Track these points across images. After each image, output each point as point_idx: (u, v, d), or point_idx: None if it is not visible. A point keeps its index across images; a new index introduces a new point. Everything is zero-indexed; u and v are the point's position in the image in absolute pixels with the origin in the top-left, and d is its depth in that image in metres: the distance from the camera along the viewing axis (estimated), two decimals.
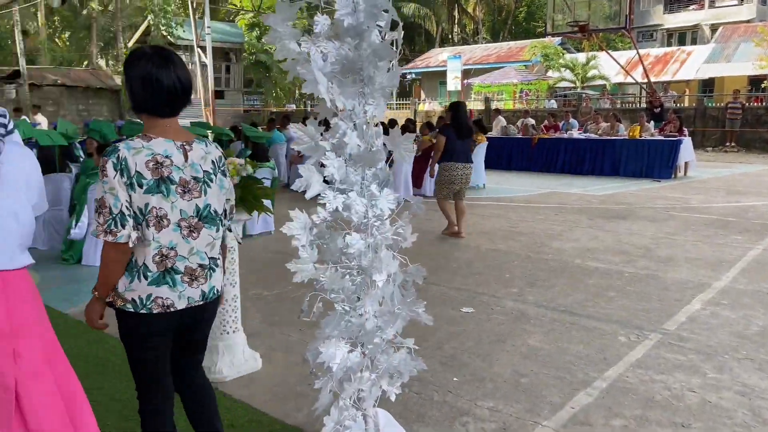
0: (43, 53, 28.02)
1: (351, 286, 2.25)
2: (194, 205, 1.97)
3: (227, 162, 2.96)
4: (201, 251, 2.01)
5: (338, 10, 2.05)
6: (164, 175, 1.90)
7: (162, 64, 1.92)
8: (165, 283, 1.94)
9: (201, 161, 2.01)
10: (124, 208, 1.84)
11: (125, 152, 1.86)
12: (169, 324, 1.99)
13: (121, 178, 1.84)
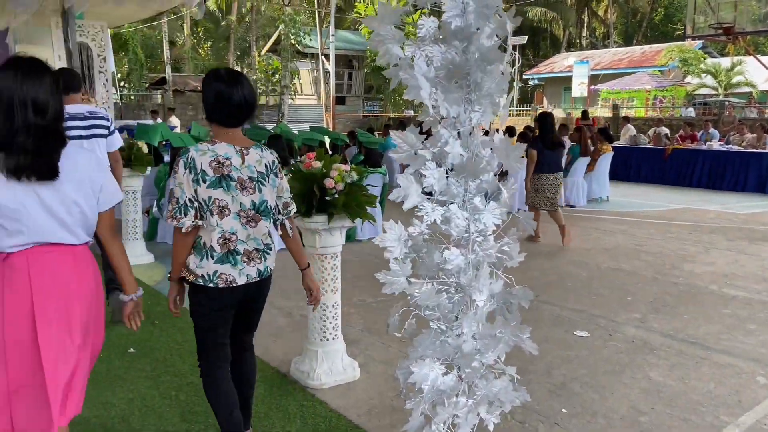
0: (187, 62, 30.49)
1: (448, 303, 2.11)
2: (251, 200, 2.29)
3: (333, 168, 2.95)
4: (258, 238, 2.33)
5: (446, 12, 1.93)
6: (224, 173, 2.23)
7: (232, 84, 2.26)
8: (228, 262, 2.27)
9: (256, 164, 2.31)
10: (187, 200, 2.20)
11: (194, 154, 2.23)
12: (232, 298, 2.32)
13: (189, 175, 2.21)
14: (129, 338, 3.87)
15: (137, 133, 7.16)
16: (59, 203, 1.95)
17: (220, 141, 2.27)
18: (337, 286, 3.28)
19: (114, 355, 3.61)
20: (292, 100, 25.38)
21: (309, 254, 3.25)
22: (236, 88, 2.25)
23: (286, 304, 4.59)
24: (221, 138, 2.29)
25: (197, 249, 2.27)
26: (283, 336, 4.01)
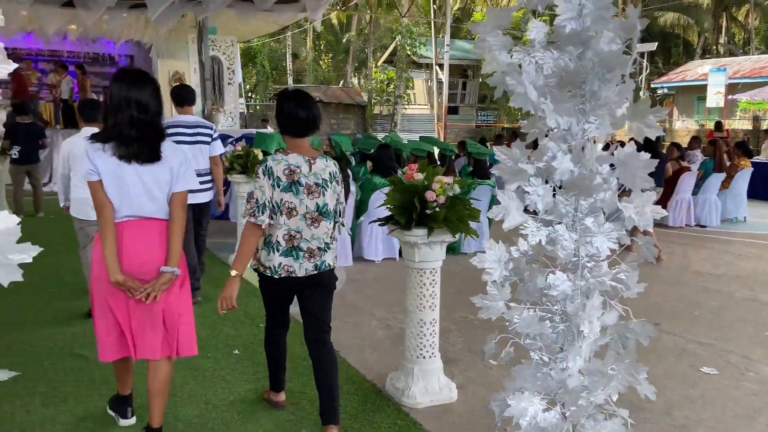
0: (308, 73, 31.80)
1: (551, 333, 1.93)
2: (315, 203, 2.66)
3: (435, 180, 2.85)
4: (320, 237, 2.69)
5: (559, 15, 1.77)
6: (294, 180, 2.62)
7: (299, 102, 2.68)
8: (291, 255, 2.65)
9: (321, 172, 2.68)
10: (266, 201, 2.58)
11: (271, 163, 2.63)
12: (291, 286, 2.73)
13: (268, 180, 2.60)
14: (236, 340, 3.99)
15: (255, 142, 7.48)
16: (154, 183, 2.47)
17: (292, 152, 2.68)
18: (435, 303, 3.17)
19: (220, 355, 3.73)
20: (405, 110, 25.63)
21: (408, 267, 3.17)
22: (302, 106, 2.67)
23: (386, 315, 4.54)
24: (292, 148, 2.70)
25: (267, 244, 2.67)
26: (382, 349, 3.95)
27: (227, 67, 16.43)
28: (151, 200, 2.47)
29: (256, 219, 2.56)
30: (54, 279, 5.40)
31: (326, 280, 2.82)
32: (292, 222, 2.63)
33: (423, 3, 26.28)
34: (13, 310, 4.53)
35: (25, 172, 8.73)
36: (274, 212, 2.61)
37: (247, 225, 2.61)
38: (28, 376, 3.35)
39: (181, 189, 2.55)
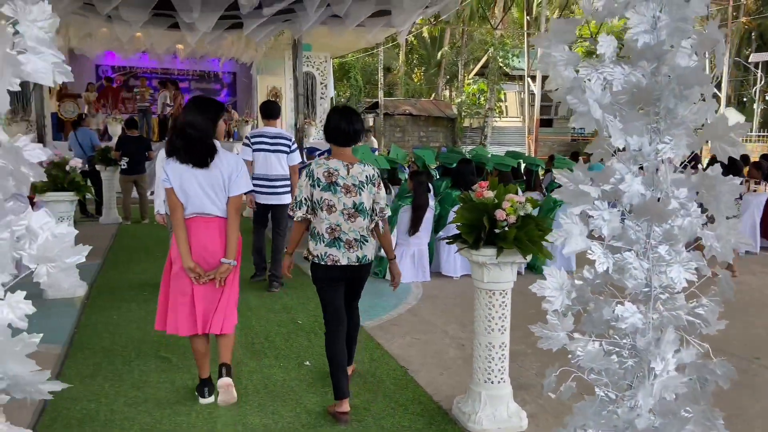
0: (400, 87, 32.15)
1: (619, 369, 1.80)
2: (352, 201, 3.06)
3: (506, 198, 2.76)
4: (356, 230, 3.09)
5: (631, 28, 1.66)
6: (333, 181, 3.04)
7: (344, 116, 3.13)
8: (334, 246, 3.07)
9: (358, 175, 3.09)
10: (303, 198, 3.07)
11: (313, 166, 3.09)
12: (337, 273, 3.11)
13: (308, 181, 3.06)
14: (308, 351, 4.05)
15: None
16: (209, 184, 3.05)
17: (333, 158, 3.12)
18: (505, 326, 3.05)
19: (291, 366, 3.79)
20: (496, 122, 25.25)
21: (476, 287, 3.08)
22: (346, 119, 3.11)
23: (460, 334, 4.44)
24: (335, 155, 3.13)
25: (314, 236, 3.11)
26: (451, 369, 3.86)
27: (320, 82, 16.95)
28: (209, 200, 3.06)
29: (294, 213, 3.11)
30: (150, 282, 5.74)
31: (367, 272, 3.27)
32: (332, 217, 3.07)
33: (517, 15, 25.87)
34: (109, 310, 4.86)
35: (132, 182, 9.40)
36: (315, 208, 3.08)
37: (296, 224, 3.17)
38: (116, 376, 3.57)
39: (235, 193, 3.12)
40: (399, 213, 5.96)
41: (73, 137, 9.96)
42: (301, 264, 6.44)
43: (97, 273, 6.14)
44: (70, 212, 5.29)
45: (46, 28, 1.39)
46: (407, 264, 5.96)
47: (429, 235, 6.09)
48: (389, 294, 5.52)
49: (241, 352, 4.00)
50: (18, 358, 1.29)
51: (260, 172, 5.45)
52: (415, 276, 5.99)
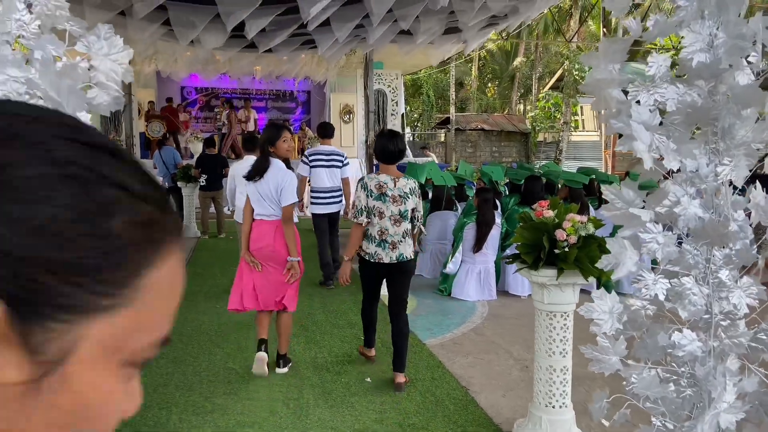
0: (472, 102, 32.03)
1: (676, 398, 1.73)
2: (398, 209, 3.68)
3: (567, 218, 2.71)
4: (399, 233, 3.70)
5: (685, 47, 1.61)
6: (383, 192, 3.68)
7: (390, 139, 3.79)
8: (381, 246, 3.70)
9: (403, 187, 3.71)
10: (362, 206, 3.69)
11: (366, 180, 3.76)
12: (381, 269, 3.77)
13: (363, 192, 3.70)
14: (369, 368, 4.09)
15: (407, 171, 7.69)
16: (265, 194, 3.79)
17: (382, 173, 3.75)
18: (567, 349, 2.97)
19: (352, 382, 3.85)
20: (572, 137, 24.62)
21: (537, 309, 3.03)
22: (392, 141, 3.75)
23: (524, 356, 4.35)
24: (383, 170, 3.77)
25: (367, 238, 3.74)
26: (514, 391, 3.79)
27: (391, 99, 17.15)
28: (264, 206, 3.83)
29: (357, 220, 3.72)
30: (223, 296, 5.99)
31: (405, 268, 3.79)
32: (382, 222, 3.68)
33: (594, 27, 25.22)
34: (183, 322, 5.11)
35: (210, 198, 9.86)
36: (370, 215, 3.68)
37: (353, 225, 3.77)
38: (187, 386, 3.75)
39: (285, 204, 3.80)
40: (464, 230, 5.94)
41: (157, 155, 10.56)
42: None
43: None
44: None
45: (119, 60, 1.53)
46: (472, 282, 5.92)
47: (495, 253, 6.02)
48: (454, 312, 5.50)
49: (303, 366, 4.10)
50: None
51: (318, 185, 6.26)
52: (481, 294, 5.93)
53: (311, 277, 6.24)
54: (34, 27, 1.45)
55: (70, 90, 1.37)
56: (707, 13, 1.56)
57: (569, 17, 24.35)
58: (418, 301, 5.86)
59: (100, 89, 1.47)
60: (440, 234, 6.81)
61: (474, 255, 5.92)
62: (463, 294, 5.91)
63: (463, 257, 5.99)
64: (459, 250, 5.97)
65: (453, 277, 6.03)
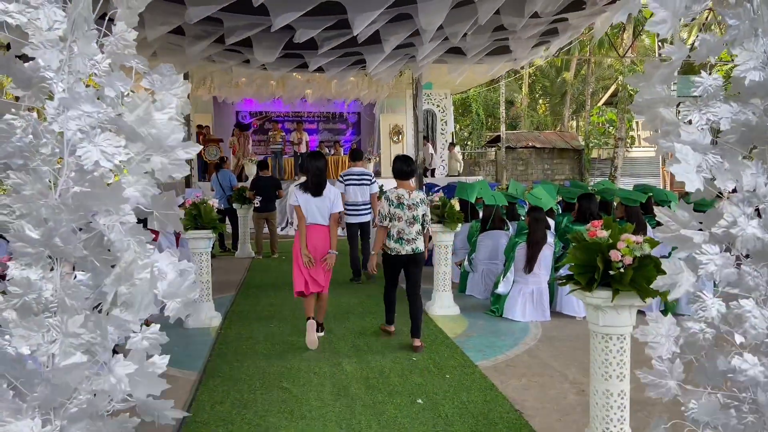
0: (523, 119, 31.75)
1: (738, 425, 1.67)
2: (412, 214, 4.84)
3: (621, 238, 2.67)
4: (413, 232, 4.85)
5: (738, 65, 1.59)
6: (401, 202, 4.82)
7: (404, 162, 5.01)
8: (398, 242, 4.85)
9: (416, 197, 4.88)
10: (386, 214, 4.82)
11: (389, 193, 4.88)
12: (399, 261, 4.93)
13: (387, 203, 4.84)
14: (421, 389, 4.08)
15: (457, 191, 7.68)
16: (320, 205, 4.96)
17: (400, 187, 4.97)
18: (624, 373, 2.90)
19: (404, 403, 3.84)
20: (628, 153, 24.00)
21: (591, 331, 2.97)
22: (405, 163, 5.00)
23: (580, 379, 4.25)
24: (400, 186, 4.99)
25: (389, 237, 4.91)
26: (570, 416, 3.70)
27: (440, 119, 17.22)
28: (320, 215, 4.99)
29: (382, 223, 4.92)
30: (276, 315, 6.12)
31: (418, 258, 5.00)
32: (400, 224, 4.88)
33: (649, 41, 24.67)
34: (238, 340, 5.24)
35: (264, 219, 10.11)
36: (391, 219, 4.88)
37: (378, 228, 5.00)
38: (242, 404, 3.84)
39: (335, 211, 5.03)
40: (516, 250, 5.87)
41: (214, 178, 10.92)
42: None
43: (231, 304, 6.64)
44: (207, 248, 5.81)
45: (179, 94, 1.63)
46: (525, 302, 5.84)
47: (549, 272, 5.92)
48: (506, 333, 5.43)
49: (356, 386, 4.13)
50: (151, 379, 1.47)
51: (351, 200, 7.56)
52: (534, 315, 5.83)
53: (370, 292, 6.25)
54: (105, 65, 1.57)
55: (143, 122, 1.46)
56: (761, 31, 1.53)
57: (623, 31, 23.90)
58: (469, 322, 5.82)
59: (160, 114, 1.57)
60: (491, 254, 6.76)
61: (526, 275, 5.84)
62: (516, 315, 5.83)
63: (516, 277, 5.92)
64: (511, 270, 5.91)
65: (505, 298, 5.97)
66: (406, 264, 4.95)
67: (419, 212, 4.88)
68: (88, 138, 1.42)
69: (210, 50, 9.22)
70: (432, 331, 5.48)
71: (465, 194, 7.48)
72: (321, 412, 3.70)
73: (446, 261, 6.09)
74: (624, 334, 2.88)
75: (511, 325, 5.68)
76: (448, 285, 6.13)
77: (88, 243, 1.40)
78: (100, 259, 1.40)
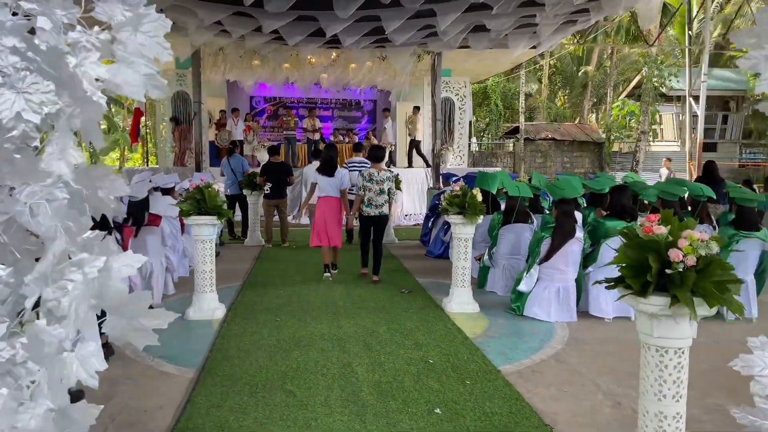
0: (541, 111, 31.06)
1: None
2: (379, 188, 6.77)
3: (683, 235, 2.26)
4: (380, 201, 6.80)
5: None
6: (372, 178, 6.80)
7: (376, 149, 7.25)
8: (369, 207, 6.80)
9: (383, 174, 6.84)
10: (360, 185, 6.84)
11: (364, 172, 6.92)
12: (370, 220, 6.87)
13: (362, 178, 6.84)
14: (439, 396, 3.69)
15: (477, 180, 7.26)
16: (332, 183, 6.99)
17: (372, 168, 6.88)
18: (681, 393, 2.48)
19: (419, 413, 3.45)
20: (650, 147, 23.33)
21: (643, 342, 2.56)
22: (378, 150, 7.12)
23: (615, 390, 3.83)
24: (373, 166, 6.91)
25: (363, 203, 6.77)
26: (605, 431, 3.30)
27: (458, 108, 16.71)
28: (332, 190, 6.91)
29: (358, 193, 6.77)
30: (283, 308, 5.76)
31: (383, 221, 6.88)
32: (369, 194, 6.70)
33: (675, 32, 23.88)
34: (242, 335, 4.88)
35: (274, 206, 9.74)
36: (365, 190, 6.69)
37: (356, 196, 6.87)
38: (241, 408, 3.47)
39: (343, 187, 6.93)
40: (541, 245, 5.45)
41: (225, 162, 10.56)
42: (431, 292, 6.16)
43: (237, 295, 6.29)
44: (211, 235, 5.44)
45: (153, 32, 1.22)
46: (550, 301, 5.42)
47: (577, 269, 5.49)
48: (530, 335, 5.02)
49: (367, 391, 3.75)
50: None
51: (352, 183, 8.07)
52: (560, 315, 5.41)
53: (391, 292, 5.87)
54: None
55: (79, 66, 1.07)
56: None
57: None
58: (489, 320, 5.42)
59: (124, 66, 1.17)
60: (513, 248, 6.34)
61: (552, 272, 5.41)
62: (540, 314, 5.41)
63: (540, 274, 5.49)
64: (535, 266, 5.48)
65: (527, 296, 5.55)
66: (375, 223, 6.88)
67: (385, 186, 6.80)
68: (9, 82, 1.03)
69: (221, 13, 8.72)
70: (449, 330, 5.08)
71: (486, 184, 7.05)
72: (327, 421, 3.32)
73: (466, 256, 5.68)
74: (683, 347, 2.45)
75: (534, 326, 5.27)
76: (467, 281, 5.72)
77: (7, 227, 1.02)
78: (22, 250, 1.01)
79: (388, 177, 6.80)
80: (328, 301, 6.09)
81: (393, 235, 10.42)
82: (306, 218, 9.87)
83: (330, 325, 5.19)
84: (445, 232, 8.64)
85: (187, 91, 15.03)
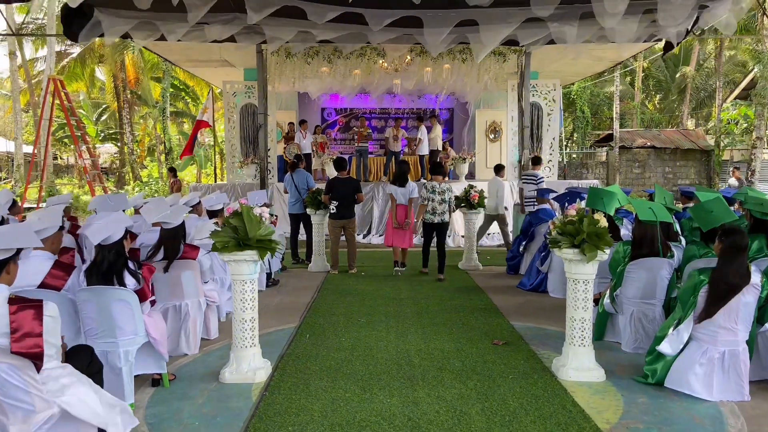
0: (633, 117, 28.56)
1: None
2: (440, 198, 8.07)
3: None
4: (441, 209, 8.08)
5: None
6: (434, 189, 8.08)
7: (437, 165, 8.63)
8: (432, 215, 8.09)
9: (443, 187, 8.11)
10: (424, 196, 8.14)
11: (427, 184, 8.19)
12: (432, 227, 8.19)
13: (424, 189, 8.16)
14: None
15: (588, 200, 5.77)
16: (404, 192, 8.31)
17: (433, 180, 8.15)
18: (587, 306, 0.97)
19: None
20: (765, 155, 20.58)
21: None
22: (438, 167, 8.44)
23: None
24: (433, 179, 8.18)
25: (426, 212, 8.09)
26: None
27: (547, 114, 15.06)
28: (404, 199, 8.26)
29: (422, 202, 8.07)
30: (344, 365, 4.50)
31: (444, 227, 8.11)
32: (432, 204, 8.00)
33: None
34: (282, 413, 3.66)
35: (340, 227, 8.57)
36: (427, 200, 8.01)
37: (420, 205, 8.14)
38: None
39: (412, 196, 8.27)
40: (698, 293, 3.90)
41: (288, 178, 9.53)
42: (534, 344, 4.62)
43: (289, 344, 5.08)
44: (253, 274, 4.25)
45: None
46: (712, 371, 3.84)
47: (749, 328, 3.90)
48: (683, 423, 3.47)
49: None
50: None
51: None
52: (725, 392, 3.83)
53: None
54: None
55: None
56: None
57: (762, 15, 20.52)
58: (624, 398, 3.89)
59: None
60: (645, 291, 4.77)
61: (715, 330, 3.85)
62: (697, 388, 3.86)
63: (695, 332, 3.95)
64: (687, 322, 3.94)
65: (673, 360, 4.01)
66: (437, 229, 8.03)
67: (446, 197, 7.93)
68: None
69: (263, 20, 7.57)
70: (570, 415, 3.62)
71: (600, 205, 5.56)
72: None
73: (586, 304, 4.19)
74: None
75: (690, 406, 3.73)
76: (588, 338, 4.19)
77: None
78: None
79: (448, 188, 8.02)
80: (400, 354, 4.78)
81: (476, 260, 9.01)
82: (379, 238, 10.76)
83: (402, 398, 3.87)
84: (542, 261, 7.14)
85: (255, 104, 14.27)
